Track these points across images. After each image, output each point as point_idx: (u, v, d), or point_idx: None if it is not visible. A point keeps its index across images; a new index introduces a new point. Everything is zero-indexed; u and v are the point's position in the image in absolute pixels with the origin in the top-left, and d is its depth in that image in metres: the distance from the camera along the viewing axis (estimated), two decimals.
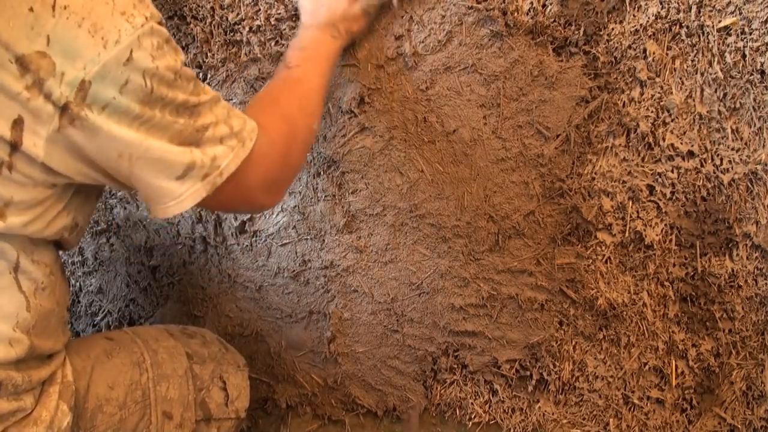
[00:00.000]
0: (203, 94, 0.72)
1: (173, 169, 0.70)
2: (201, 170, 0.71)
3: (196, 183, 0.72)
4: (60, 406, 0.78)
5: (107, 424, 0.84)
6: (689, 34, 0.90)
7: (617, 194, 0.98)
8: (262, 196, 0.81)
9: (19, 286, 0.72)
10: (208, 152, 0.72)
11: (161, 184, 0.71)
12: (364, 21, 0.96)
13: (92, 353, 0.88)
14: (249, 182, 0.78)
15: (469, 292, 1.08)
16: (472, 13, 0.94)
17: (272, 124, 0.81)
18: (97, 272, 1.33)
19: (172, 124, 0.69)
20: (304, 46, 0.92)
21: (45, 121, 0.63)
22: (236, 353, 1.08)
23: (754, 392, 1.00)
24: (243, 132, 0.75)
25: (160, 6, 1.08)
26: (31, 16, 0.60)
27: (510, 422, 1.12)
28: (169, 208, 0.72)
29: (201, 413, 0.96)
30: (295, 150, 0.85)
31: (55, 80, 0.61)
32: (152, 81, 0.65)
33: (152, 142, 0.68)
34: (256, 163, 0.77)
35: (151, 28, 0.65)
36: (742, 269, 0.96)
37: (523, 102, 0.96)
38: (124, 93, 0.64)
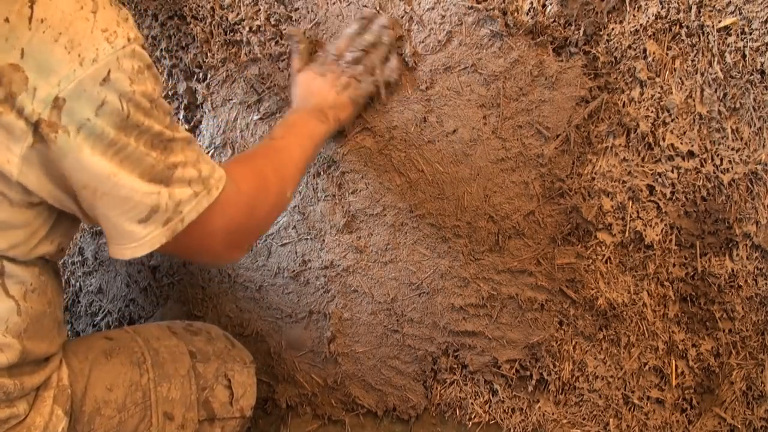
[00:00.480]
0: (177, 132, 0.70)
1: (138, 211, 0.67)
2: (164, 215, 0.68)
3: (157, 228, 0.69)
4: (55, 411, 0.77)
5: (106, 427, 0.83)
6: (689, 34, 0.90)
7: (617, 194, 0.98)
8: (223, 245, 0.78)
9: (6, 291, 0.70)
10: (175, 194, 0.69)
11: (124, 225, 0.68)
12: (352, 109, 0.99)
13: (91, 354, 0.87)
14: (211, 228, 0.74)
15: (469, 292, 1.08)
16: (472, 13, 0.94)
17: (243, 177, 0.79)
18: (97, 272, 1.33)
19: (145, 156, 0.66)
20: (290, 124, 0.93)
21: (18, 138, 0.61)
22: (243, 349, 1.06)
23: (754, 392, 1.00)
24: (210, 179, 0.72)
25: (160, 6, 1.08)
26: (6, 27, 0.59)
27: (510, 422, 1.12)
28: (127, 250, 0.69)
29: (204, 413, 0.95)
30: (263, 207, 0.83)
31: (28, 95, 0.59)
32: (129, 105, 0.63)
33: (122, 177, 0.65)
34: (220, 209, 0.74)
35: (133, 50, 0.63)
36: (742, 269, 0.96)
37: (523, 102, 0.96)
38: (99, 115, 0.61)
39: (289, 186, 0.88)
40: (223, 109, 1.11)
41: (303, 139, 0.92)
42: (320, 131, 0.94)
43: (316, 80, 0.98)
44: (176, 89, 1.14)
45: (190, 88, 1.13)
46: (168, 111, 0.69)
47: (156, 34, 1.11)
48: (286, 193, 0.87)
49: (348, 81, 0.97)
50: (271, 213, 0.87)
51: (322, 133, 0.95)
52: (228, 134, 1.12)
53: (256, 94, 1.08)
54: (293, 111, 0.97)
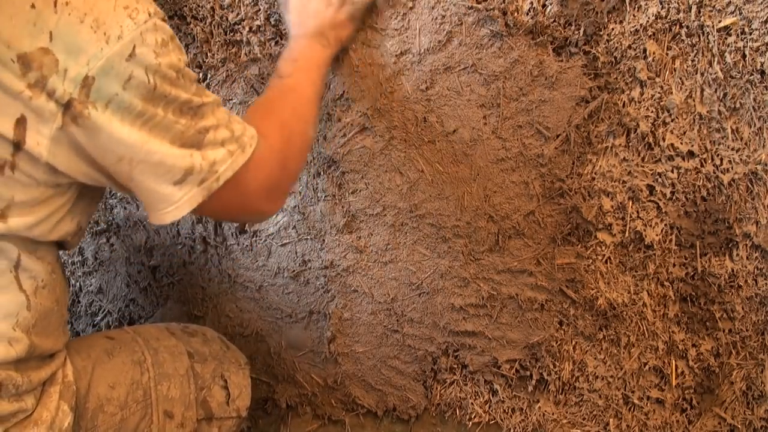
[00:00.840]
0: (205, 97, 0.72)
1: (172, 174, 0.69)
2: (199, 175, 0.71)
3: (192, 188, 0.71)
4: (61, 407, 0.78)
5: (108, 423, 0.84)
6: (689, 34, 0.90)
7: (617, 194, 0.98)
8: (263, 202, 0.81)
9: (20, 285, 0.72)
10: (208, 156, 0.71)
11: (159, 189, 0.70)
12: (352, 27, 0.97)
13: (93, 353, 0.88)
14: (250, 188, 0.77)
15: (469, 292, 1.08)
16: (472, 13, 0.94)
17: (269, 131, 0.81)
18: (97, 272, 1.33)
19: (174, 124, 0.68)
20: (295, 57, 0.92)
21: (48, 120, 0.63)
22: (237, 351, 1.07)
23: (754, 392, 1.00)
24: (243, 137, 0.75)
25: (160, 6, 1.08)
26: (33, 12, 0.60)
27: (510, 422, 1.12)
28: (167, 214, 0.71)
29: (202, 412, 0.96)
30: (293, 155, 0.85)
31: (59, 77, 0.61)
32: (155, 77, 0.65)
33: (153, 144, 0.67)
34: (256, 168, 0.76)
35: (155, 24, 0.65)
36: (742, 269, 0.96)
37: (523, 102, 0.96)
38: (127, 89, 0.63)
39: (311, 125, 0.89)
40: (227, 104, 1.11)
41: (311, 72, 0.91)
42: (325, 57, 0.94)
43: (311, 1, 0.95)
44: None
45: None
46: (193, 78, 0.70)
47: None
48: (309, 133, 0.89)
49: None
50: (301, 159, 0.89)
51: (328, 58, 0.95)
52: None
53: (256, 94, 1.08)
54: (294, 39, 0.95)
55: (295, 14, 0.96)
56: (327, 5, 0.94)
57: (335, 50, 0.96)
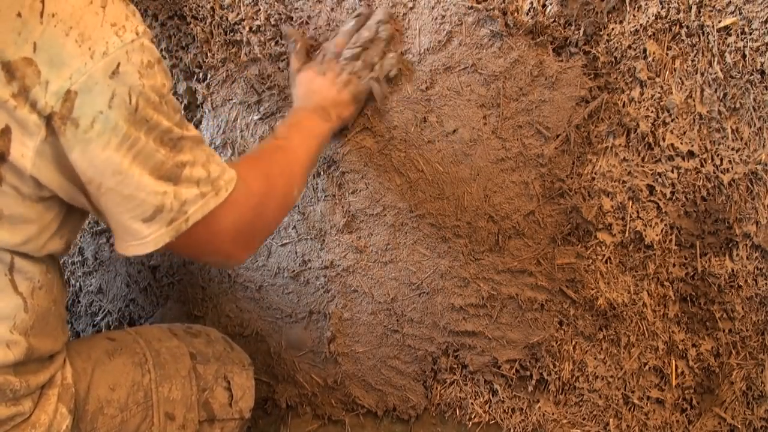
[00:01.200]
0: (186, 130, 0.70)
1: (141, 210, 0.67)
2: (168, 214, 0.69)
3: (161, 227, 0.69)
4: (59, 409, 0.77)
5: (108, 426, 0.83)
6: (689, 34, 0.90)
7: (617, 194, 0.98)
8: (232, 245, 0.78)
9: (15, 288, 0.71)
10: (181, 193, 0.69)
11: (128, 224, 0.68)
12: (354, 107, 0.99)
13: (93, 354, 0.87)
14: (219, 227, 0.75)
15: (469, 292, 1.08)
16: (472, 13, 0.94)
17: (251, 177, 0.79)
18: (97, 272, 1.33)
19: (155, 152, 0.66)
20: (293, 123, 0.93)
21: (32, 132, 0.62)
22: (241, 352, 1.07)
23: (754, 392, 1.00)
24: (220, 180, 0.73)
25: (160, 6, 1.08)
26: (19, 21, 0.59)
27: (510, 422, 1.12)
28: (131, 247, 0.70)
29: (204, 414, 0.96)
30: (272, 206, 0.83)
31: (41, 88, 0.60)
32: (138, 99, 0.63)
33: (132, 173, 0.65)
34: (229, 208, 0.74)
35: (141, 44, 0.64)
36: (742, 269, 0.96)
37: (523, 102, 0.96)
38: (112, 107, 0.62)
39: (296, 186, 0.88)
40: (223, 109, 1.11)
41: (307, 138, 0.92)
42: (324, 129, 0.95)
43: (317, 79, 0.98)
44: (176, 89, 1.14)
45: (190, 88, 1.13)
46: (177, 108, 0.69)
47: (156, 34, 1.11)
48: (293, 192, 0.87)
49: (348, 78, 0.97)
50: (279, 213, 0.88)
51: (326, 132, 0.95)
52: (228, 134, 1.12)
53: (256, 94, 1.08)
54: (295, 110, 0.97)
55: (301, 88, 0.98)
56: (332, 84, 0.97)
57: (335, 126, 0.97)
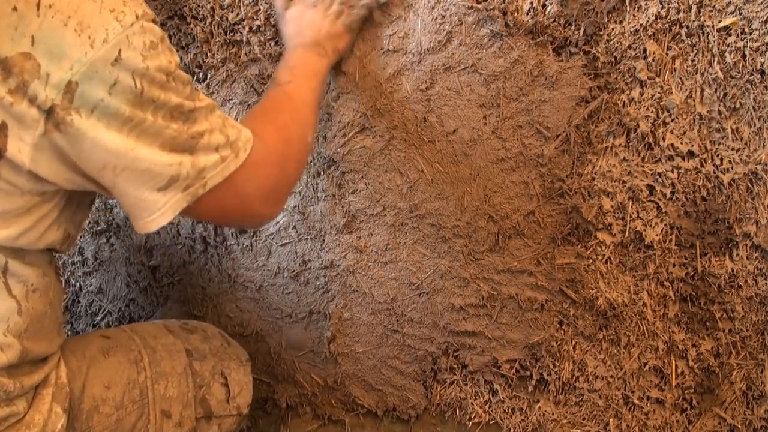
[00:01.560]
0: (198, 101, 0.70)
1: (157, 181, 0.68)
2: (184, 181, 0.69)
3: (177, 194, 0.69)
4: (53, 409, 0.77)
5: (104, 424, 0.83)
6: (689, 34, 0.90)
7: (617, 194, 0.98)
8: (261, 205, 0.79)
9: (9, 291, 0.70)
10: (199, 162, 0.70)
11: (143, 196, 0.68)
12: (349, 37, 0.97)
13: (88, 352, 0.87)
14: (246, 191, 0.76)
15: (469, 292, 1.08)
16: (472, 13, 0.94)
17: (267, 133, 0.80)
18: (97, 272, 1.33)
19: (165, 129, 0.66)
20: (292, 65, 0.92)
21: (30, 127, 0.61)
22: (239, 347, 1.06)
23: (754, 392, 1.00)
24: (238, 142, 0.74)
25: (160, 6, 1.08)
26: (15, 16, 0.58)
27: (510, 422, 1.12)
28: (152, 222, 0.70)
29: (201, 410, 0.95)
30: (292, 158, 0.84)
31: (40, 82, 0.59)
32: (143, 82, 0.63)
33: (141, 151, 0.65)
34: (253, 170, 0.75)
35: (142, 26, 0.63)
36: (742, 269, 0.96)
37: (523, 102, 0.96)
38: (113, 94, 0.62)
39: (309, 130, 0.88)
40: (223, 108, 1.11)
41: (309, 79, 0.91)
42: (323, 66, 0.94)
43: (307, 12, 0.95)
44: None
45: None
46: (187, 81, 0.69)
47: None
48: (307, 138, 0.88)
49: (340, 8, 0.95)
50: (299, 162, 0.88)
51: (325, 67, 0.94)
52: None
53: (256, 94, 1.08)
54: (290, 50, 0.95)
55: (291, 25, 0.96)
56: (323, 16, 0.94)
57: (332, 60, 0.96)
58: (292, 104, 0.88)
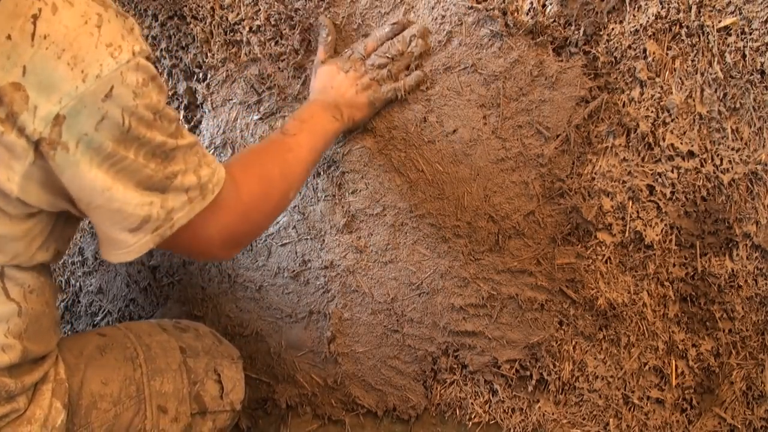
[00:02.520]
0: (181, 139, 0.70)
1: (129, 222, 0.68)
2: (155, 223, 0.69)
3: (146, 235, 0.70)
4: (54, 404, 0.78)
5: (102, 420, 0.84)
6: (689, 34, 0.90)
7: (617, 194, 0.98)
8: (218, 248, 0.79)
9: (8, 294, 0.71)
10: (168, 203, 0.70)
11: (114, 235, 0.69)
12: (368, 111, 0.99)
13: (85, 350, 0.88)
14: (206, 232, 0.76)
15: (469, 292, 1.08)
16: (472, 13, 0.94)
17: (246, 180, 0.80)
18: (97, 272, 1.33)
19: (143, 168, 0.66)
20: (304, 119, 0.92)
21: (20, 156, 0.61)
22: (230, 346, 1.08)
23: (754, 392, 1.00)
24: (209, 184, 0.73)
25: (161, 6, 1.08)
26: (8, 44, 0.57)
27: (510, 422, 1.12)
28: (117, 255, 0.71)
29: (196, 406, 0.97)
30: (261, 210, 0.84)
31: (29, 114, 0.59)
32: (131, 119, 0.63)
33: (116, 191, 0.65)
34: (216, 215, 0.75)
35: (137, 63, 0.63)
36: (742, 269, 0.96)
37: (523, 102, 0.96)
38: (99, 129, 0.61)
39: (294, 188, 0.88)
40: (223, 109, 1.11)
41: (315, 137, 0.91)
42: (333, 129, 0.94)
43: (338, 75, 0.97)
44: (176, 89, 1.14)
45: (190, 88, 1.13)
46: (173, 118, 0.69)
47: (156, 34, 1.11)
48: (289, 195, 0.88)
49: (370, 82, 0.97)
50: (272, 215, 0.88)
51: (335, 131, 0.95)
52: (228, 134, 1.12)
53: (256, 94, 1.08)
54: (309, 103, 0.97)
55: (319, 82, 0.98)
56: (351, 84, 0.96)
57: (345, 127, 0.97)
58: (287, 159, 0.87)
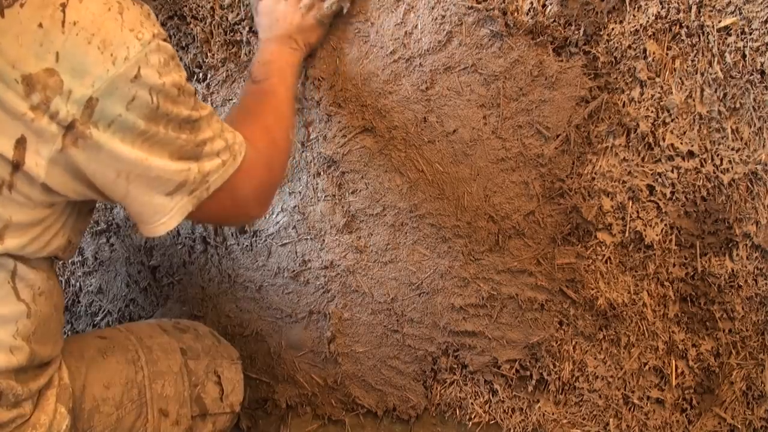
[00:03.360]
0: (202, 110, 0.73)
1: (166, 186, 0.71)
2: (191, 186, 0.72)
3: (183, 197, 0.73)
4: (58, 409, 0.78)
5: (104, 423, 0.84)
6: (689, 34, 0.90)
7: (617, 194, 0.98)
8: (253, 205, 0.83)
9: (18, 295, 0.72)
10: (204, 167, 0.73)
11: (153, 201, 0.71)
12: (321, 31, 0.99)
13: (86, 353, 0.88)
14: (241, 193, 0.79)
15: (469, 292, 1.08)
16: (472, 13, 0.94)
17: (255, 136, 0.83)
18: (97, 272, 1.33)
19: (175, 139, 0.69)
20: (267, 60, 0.94)
21: (48, 141, 0.63)
22: (229, 346, 1.08)
23: (754, 392, 1.00)
24: (235, 145, 0.77)
25: (160, 6, 1.08)
26: (40, 32, 0.60)
27: (510, 422, 1.12)
28: (160, 226, 0.73)
29: (197, 409, 0.97)
30: (278, 158, 0.87)
31: (62, 98, 0.61)
32: (158, 97, 0.66)
33: (153, 160, 0.68)
34: (247, 174, 0.78)
35: (158, 44, 0.66)
36: (742, 269, 0.96)
37: (523, 102, 0.96)
38: (130, 109, 0.64)
39: (291, 128, 0.92)
40: (223, 109, 1.11)
41: (284, 74, 0.93)
42: (296, 59, 0.96)
43: (279, 4, 0.97)
44: None
45: None
46: (192, 93, 0.72)
47: None
48: (290, 136, 0.91)
49: (311, 2, 0.96)
50: (284, 161, 0.91)
51: (298, 61, 0.97)
52: None
53: None
54: (263, 43, 0.97)
55: (264, 18, 0.98)
56: (295, 9, 0.96)
57: (304, 53, 0.98)
58: (272, 103, 0.90)
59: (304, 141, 1.08)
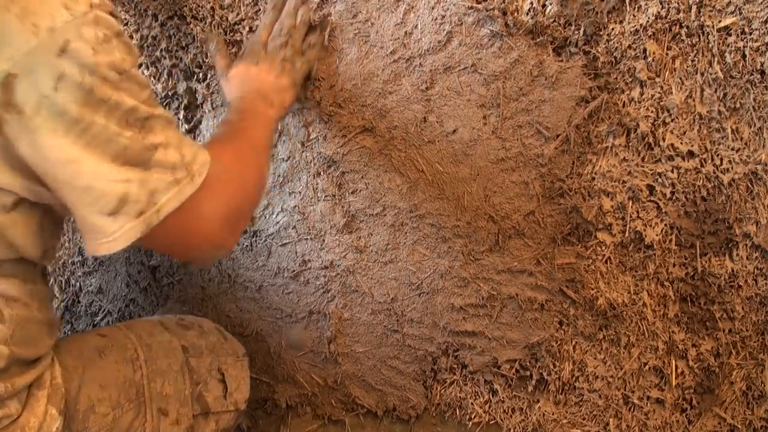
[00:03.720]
0: (155, 109, 0.64)
1: (104, 202, 0.61)
2: (136, 206, 0.62)
3: (129, 221, 0.63)
4: (49, 411, 0.76)
5: (100, 424, 0.82)
6: (689, 34, 0.90)
7: (617, 194, 0.98)
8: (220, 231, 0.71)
9: None
10: (149, 182, 0.62)
11: (91, 219, 0.62)
12: (294, 91, 0.97)
13: (84, 352, 0.86)
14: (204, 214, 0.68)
15: (469, 292, 1.08)
16: (472, 13, 0.94)
17: (224, 154, 0.74)
18: (97, 272, 1.33)
19: (117, 136, 0.59)
20: (242, 109, 0.87)
21: None
22: (235, 342, 1.06)
23: (754, 392, 1.00)
24: (193, 164, 0.67)
25: (161, 6, 1.08)
26: None
27: (510, 422, 1.12)
28: (101, 245, 0.64)
29: (198, 407, 0.95)
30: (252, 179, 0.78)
31: None
32: (92, 78, 0.57)
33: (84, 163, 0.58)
34: (210, 192, 0.68)
35: (95, 16, 0.57)
36: (742, 269, 0.96)
37: (523, 102, 0.96)
38: (59, 90, 0.55)
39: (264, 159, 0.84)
40: (223, 109, 1.11)
41: (257, 121, 0.86)
42: (272, 116, 0.90)
43: (251, 69, 0.93)
44: (176, 89, 1.14)
45: (190, 88, 1.13)
46: (145, 84, 0.63)
47: (156, 34, 1.11)
48: (263, 166, 0.83)
49: (283, 64, 0.94)
50: (259, 186, 0.82)
51: (275, 118, 0.90)
52: None
53: None
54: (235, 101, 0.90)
55: (236, 80, 0.94)
56: (268, 71, 0.93)
57: (280, 114, 0.92)
58: (246, 136, 0.83)
59: (304, 141, 1.07)
